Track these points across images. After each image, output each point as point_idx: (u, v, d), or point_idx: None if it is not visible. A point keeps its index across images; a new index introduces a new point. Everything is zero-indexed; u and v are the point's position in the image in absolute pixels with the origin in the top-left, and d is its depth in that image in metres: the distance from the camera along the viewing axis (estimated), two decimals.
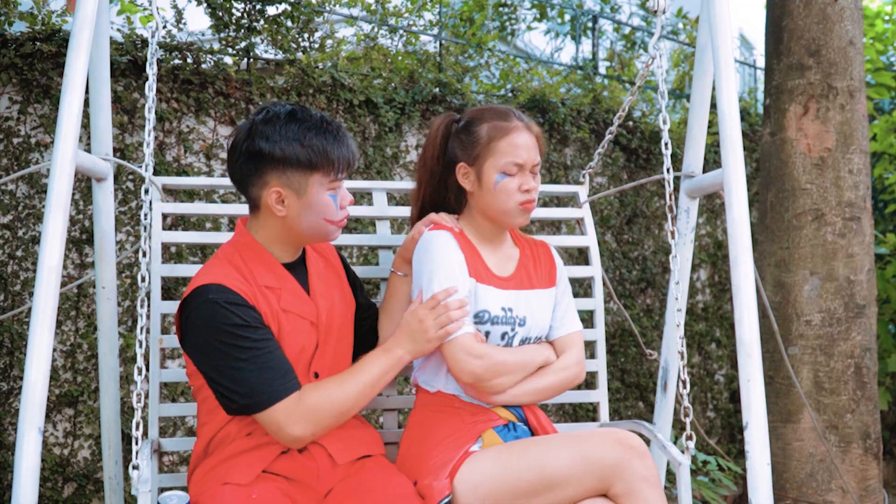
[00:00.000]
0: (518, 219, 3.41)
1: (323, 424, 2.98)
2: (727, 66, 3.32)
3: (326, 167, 3.03)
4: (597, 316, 4.01)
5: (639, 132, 8.10)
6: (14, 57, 5.45)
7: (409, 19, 7.52)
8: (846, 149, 5.68)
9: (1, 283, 5.47)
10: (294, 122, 3.03)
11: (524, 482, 3.04)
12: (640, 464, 3.01)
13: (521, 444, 3.17)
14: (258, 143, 3.00)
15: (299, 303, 3.12)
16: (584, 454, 3.02)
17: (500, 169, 3.35)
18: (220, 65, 6.08)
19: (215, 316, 2.89)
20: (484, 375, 3.22)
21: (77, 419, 5.62)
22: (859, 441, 5.63)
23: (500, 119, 3.42)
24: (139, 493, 2.87)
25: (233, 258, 3.09)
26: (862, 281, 5.66)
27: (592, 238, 4.06)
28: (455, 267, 3.28)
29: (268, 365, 2.92)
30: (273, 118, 3.03)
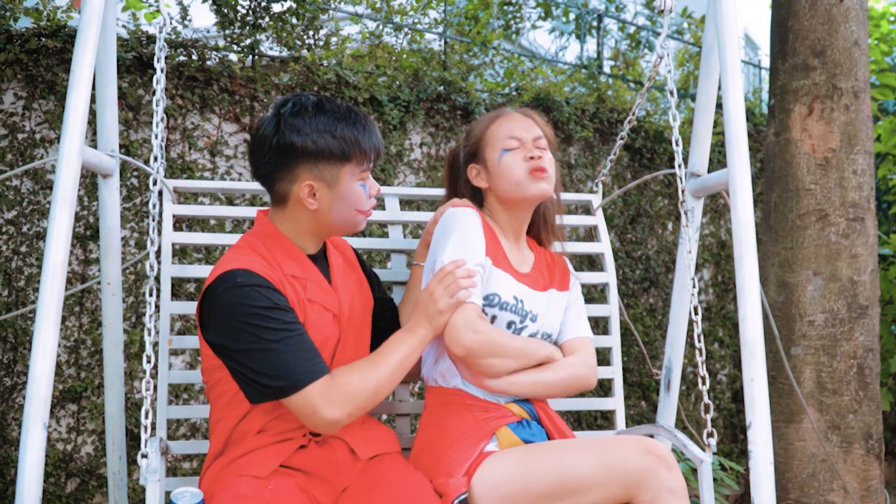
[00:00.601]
0: (531, 188, 3.38)
1: (358, 405, 2.92)
2: (733, 66, 3.32)
3: (359, 157, 3.01)
4: (612, 322, 3.99)
5: (643, 132, 8.09)
6: (19, 52, 5.45)
7: (414, 17, 7.52)
8: (850, 149, 5.68)
9: (5, 279, 5.48)
10: (322, 113, 2.99)
11: (545, 485, 2.99)
12: (668, 474, 2.96)
13: (544, 447, 3.14)
14: (289, 137, 2.95)
15: (323, 294, 3.09)
16: (610, 460, 2.97)
17: (500, 147, 3.39)
18: (224, 62, 6.09)
19: (245, 298, 2.84)
20: (477, 351, 3.15)
21: (81, 415, 5.63)
22: (861, 441, 5.63)
23: (491, 113, 3.51)
24: (147, 483, 2.85)
25: (256, 247, 3.05)
26: (865, 281, 5.67)
27: (606, 245, 4.07)
28: (474, 242, 3.26)
29: (300, 346, 2.87)
30: (301, 110, 2.99)
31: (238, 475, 2.95)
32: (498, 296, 3.30)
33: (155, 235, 3.16)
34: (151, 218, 3.15)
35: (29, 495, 2.71)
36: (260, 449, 3.01)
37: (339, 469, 3.08)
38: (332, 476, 3.07)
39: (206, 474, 3.08)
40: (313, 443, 3.09)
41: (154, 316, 3.15)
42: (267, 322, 2.83)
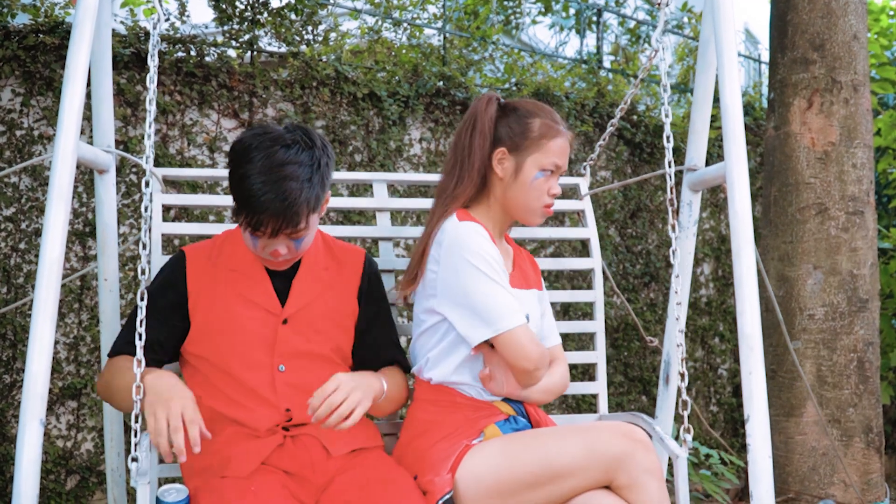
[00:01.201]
0: (537, 219, 3.44)
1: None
2: (730, 59, 3.31)
3: (247, 218, 3.01)
4: (596, 308, 4.00)
5: (643, 126, 8.09)
6: (17, 49, 5.45)
7: (413, 12, 7.53)
8: (850, 143, 5.67)
9: (4, 275, 5.48)
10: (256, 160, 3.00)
11: (529, 473, 3.02)
12: (645, 456, 3.00)
13: (526, 436, 3.16)
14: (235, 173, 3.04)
15: (259, 291, 3.15)
16: (591, 445, 3.00)
17: (542, 166, 3.37)
18: (223, 57, 6.09)
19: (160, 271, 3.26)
20: (540, 364, 3.18)
21: (80, 412, 5.63)
22: (861, 435, 5.63)
23: (550, 119, 3.43)
24: (138, 486, 2.86)
25: (218, 237, 3.26)
26: (865, 275, 5.66)
27: (593, 230, 4.06)
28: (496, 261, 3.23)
29: (129, 325, 3.12)
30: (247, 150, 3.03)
31: (221, 475, 2.98)
32: None
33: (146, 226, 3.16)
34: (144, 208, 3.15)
35: (26, 492, 2.70)
36: (240, 445, 3.04)
37: (314, 467, 3.09)
38: (309, 474, 3.08)
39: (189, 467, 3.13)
40: (288, 439, 3.11)
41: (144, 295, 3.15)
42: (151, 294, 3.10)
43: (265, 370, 3.11)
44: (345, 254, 3.36)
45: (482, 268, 3.17)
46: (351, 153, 6.51)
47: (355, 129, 6.53)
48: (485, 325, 3.16)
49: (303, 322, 3.18)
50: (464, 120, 3.49)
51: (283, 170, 2.92)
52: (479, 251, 3.19)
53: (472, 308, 3.18)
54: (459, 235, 3.23)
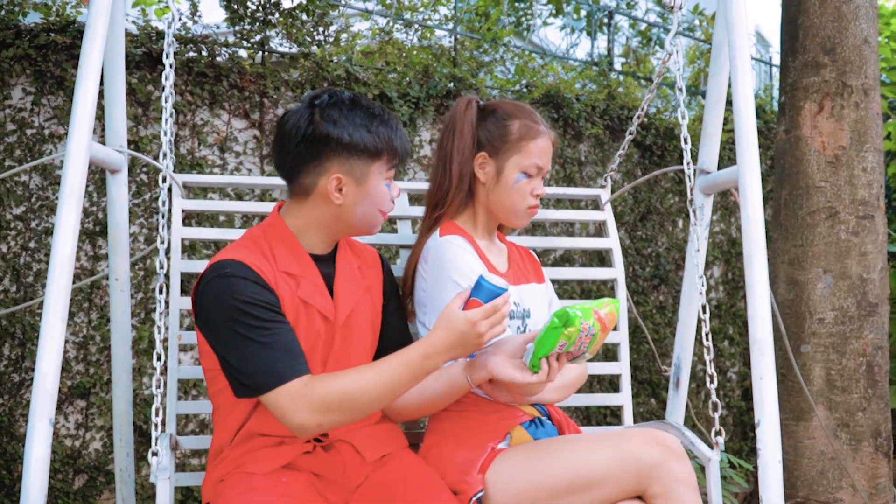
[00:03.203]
0: (522, 220, 3.44)
1: (331, 416, 2.78)
2: (743, 63, 3.31)
3: (390, 156, 3.00)
4: (619, 318, 3.99)
5: (654, 129, 8.08)
6: (28, 48, 5.46)
7: (425, 14, 7.52)
8: (860, 147, 5.67)
9: (14, 274, 5.48)
10: (358, 108, 2.98)
11: (560, 481, 2.98)
12: (678, 465, 2.97)
13: (556, 442, 3.13)
14: (325, 128, 2.92)
15: (318, 295, 3.03)
16: (623, 453, 2.97)
17: (523, 169, 3.36)
18: (234, 58, 6.09)
19: (228, 289, 2.80)
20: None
21: (89, 411, 5.63)
22: (870, 439, 5.62)
23: (530, 119, 3.41)
24: (158, 480, 2.84)
25: (258, 240, 3.01)
26: (875, 279, 5.65)
27: (615, 240, 4.06)
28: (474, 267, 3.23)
29: (276, 345, 2.79)
30: (338, 102, 2.97)
31: (244, 472, 2.92)
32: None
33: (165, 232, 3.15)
34: (161, 215, 3.14)
35: (34, 491, 2.71)
36: (263, 449, 2.97)
37: (346, 471, 3.04)
38: (339, 478, 3.03)
39: (209, 474, 3.06)
40: (319, 448, 3.05)
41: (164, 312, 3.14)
42: (244, 317, 2.78)
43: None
44: (364, 251, 3.33)
45: (460, 282, 3.18)
46: None
47: None
48: None
49: (351, 325, 3.13)
50: (444, 126, 3.49)
51: (382, 110, 3.04)
52: (456, 264, 3.21)
53: None
54: (441, 252, 3.25)
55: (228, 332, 2.79)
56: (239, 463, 2.96)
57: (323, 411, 2.77)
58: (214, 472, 3.02)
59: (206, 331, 2.88)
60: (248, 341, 2.77)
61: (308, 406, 2.75)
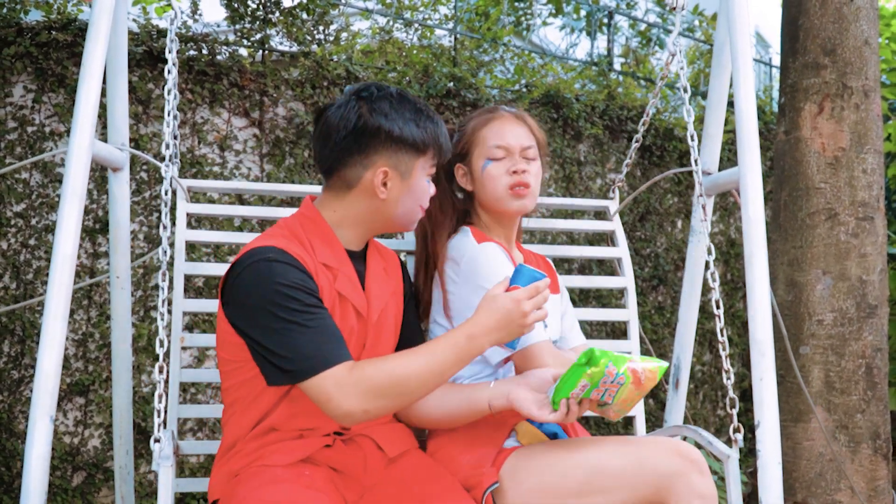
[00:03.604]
0: (511, 203, 3.38)
1: (378, 402, 2.74)
2: (745, 64, 3.31)
3: (434, 151, 3.01)
4: (630, 326, 3.99)
5: (653, 129, 8.08)
6: (29, 46, 5.46)
7: (425, 13, 7.53)
8: (860, 148, 5.66)
9: (14, 271, 5.49)
10: (407, 102, 2.98)
11: (574, 482, 2.96)
12: (699, 479, 2.90)
13: (573, 443, 3.11)
14: (376, 119, 2.91)
15: (353, 290, 3.00)
16: (641, 460, 2.93)
17: (486, 155, 3.36)
18: (235, 56, 6.09)
19: (270, 273, 2.76)
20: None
21: (88, 408, 5.63)
22: (869, 441, 5.62)
23: (485, 112, 3.44)
24: (160, 468, 2.81)
25: (295, 229, 2.98)
26: (874, 281, 5.65)
27: (625, 250, 4.06)
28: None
29: (321, 330, 2.74)
30: (387, 96, 2.97)
31: (262, 465, 2.88)
32: None
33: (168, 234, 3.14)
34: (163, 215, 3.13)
35: (35, 488, 2.71)
36: (282, 442, 2.92)
37: (367, 467, 3.02)
38: (359, 474, 3.01)
39: (219, 469, 3.00)
40: (339, 441, 3.02)
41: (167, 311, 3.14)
42: (288, 301, 2.73)
43: None
44: (387, 253, 3.32)
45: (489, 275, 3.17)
46: None
47: None
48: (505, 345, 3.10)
49: (381, 322, 3.11)
50: None
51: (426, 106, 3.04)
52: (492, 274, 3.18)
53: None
54: (474, 258, 3.25)
55: (269, 316, 2.73)
56: (255, 457, 2.91)
57: (371, 396, 2.73)
58: (226, 467, 2.96)
59: (238, 316, 2.83)
60: (291, 325, 2.72)
61: (355, 391, 2.71)
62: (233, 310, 2.85)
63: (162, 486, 2.82)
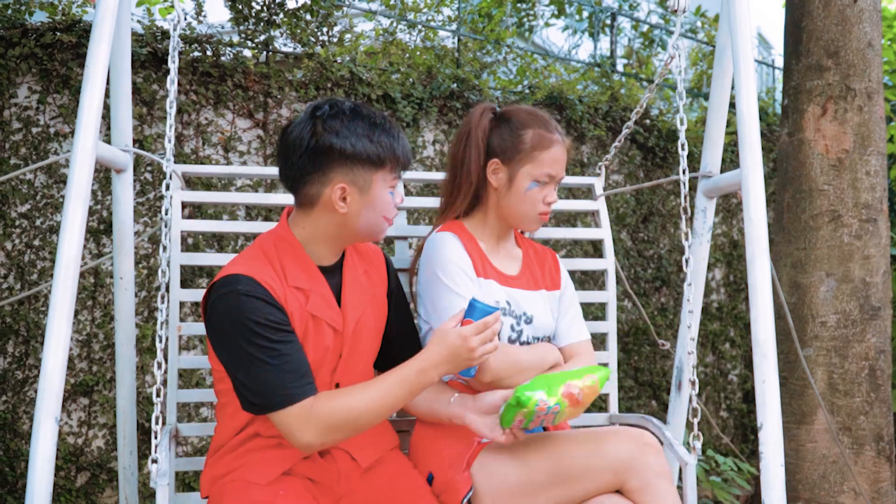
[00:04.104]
0: (533, 226, 3.48)
1: (334, 435, 2.90)
2: (747, 66, 3.32)
3: (393, 164, 3.02)
4: (609, 308, 4.05)
5: (656, 130, 8.08)
6: (34, 47, 5.47)
7: (428, 14, 7.53)
8: (863, 150, 5.66)
9: (18, 271, 5.49)
10: (360, 117, 2.99)
11: (541, 474, 3.09)
12: (655, 460, 3.08)
13: (538, 438, 3.21)
14: (327, 139, 2.94)
15: (327, 308, 3.06)
16: (601, 449, 3.08)
17: (535, 178, 3.39)
18: (239, 58, 6.10)
19: (240, 308, 2.84)
20: (502, 373, 3.24)
21: (92, 408, 5.64)
22: (872, 443, 5.62)
23: (544, 128, 3.43)
24: (158, 487, 2.89)
25: (268, 251, 3.04)
26: (877, 283, 5.65)
27: (607, 231, 4.08)
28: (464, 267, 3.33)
29: (284, 367, 2.85)
30: (339, 113, 2.99)
31: (244, 481, 2.98)
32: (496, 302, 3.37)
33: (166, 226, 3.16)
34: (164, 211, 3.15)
35: (40, 489, 2.72)
36: (263, 452, 3.03)
37: (340, 477, 3.13)
38: (334, 484, 3.11)
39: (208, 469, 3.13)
40: (316, 454, 3.11)
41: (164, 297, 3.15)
42: (255, 337, 2.83)
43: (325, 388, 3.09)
44: (370, 254, 3.35)
45: (442, 278, 3.30)
46: None
47: None
48: None
49: (357, 334, 3.17)
50: (458, 132, 3.54)
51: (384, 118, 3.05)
52: (442, 261, 3.31)
53: (437, 317, 3.31)
54: (431, 248, 3.37)
55: (238, 349, 2.85)
56: (239, 464, 3.02)
57: (327, 431, 2.88)
58: (214, 469, 3.08)
59: (215, 342, 2.94)
60: (257, 361, 2.83)
61: (314, 427, 2.86)
62: (210, 333, 2.96)
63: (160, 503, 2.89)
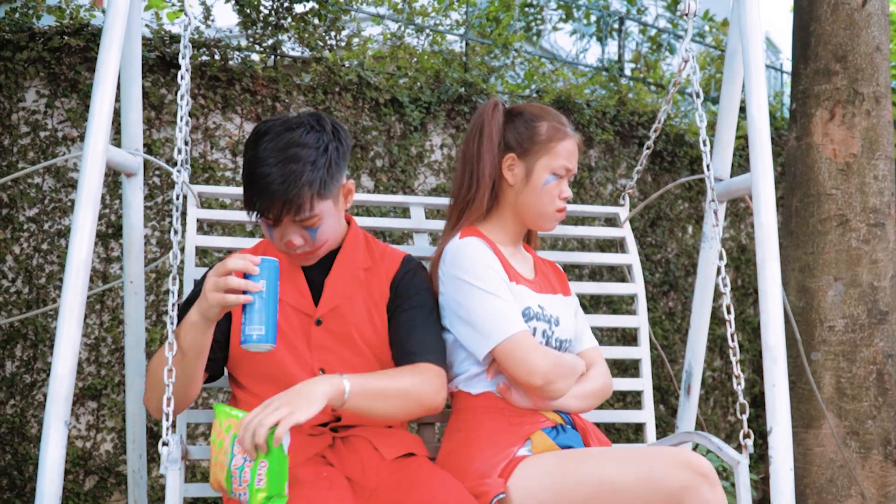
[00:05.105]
0: (551, 223, 3.43)
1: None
2: (757, 70, 3.32)
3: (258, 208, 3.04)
4: (641, 334, 3.97)
5: (664, 135, 8.08)
6: (42, 50, 5.48)
7: (436, 19, 7.53)
8: (871, 155, 5.66)
9: (26, 276, 5.50)
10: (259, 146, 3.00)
11: (582, 494, 2.94)
12: (710, 492, 2.87)
13: (582, 454, 3.09)
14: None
15: (293, 291, 3.15)
16: (651, 473, 2.90)
17: (553, 170, 3.35)
18: (247, 62, 6.10)
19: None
20: (552, 375, 3.13)
21: (100, 412, 5.64)
22: (879, 448, 5.62)
23: (557, 121, 3.41)
24: (168, 471, 2.80)
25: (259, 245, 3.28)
26: (885, 287, 5.65)
27: (635, 256, 4.06)
28: (499, 275, 3.24)
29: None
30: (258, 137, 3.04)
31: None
32: (530, 308, 3.28)
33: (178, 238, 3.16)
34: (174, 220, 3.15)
35: (49, 494, 2.72)
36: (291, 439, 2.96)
37: (365, 468, 3.05)
38: (359, 475, 3.04)
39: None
40: (338, 440, 3.11)
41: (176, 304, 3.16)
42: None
43: (307, 372, 3.09)
44: (385, 254, 3.34)
45: (474, 282, 3.18)
46: (372, 158, 6.52)
47: (377, 135, 6.55)
48: (483, 338, 3.15)
49: (336, 322, 3.16)
50: (470, 128, 3.47)
51: (286, 152, 2.92)
52: (472, 265, 3.21)
53: (472, 324, 3.18)
54: (455, 254, 3.26)
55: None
56: None
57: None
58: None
59: None
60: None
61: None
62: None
63: (170, 489, 2.81)
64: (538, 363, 3.11)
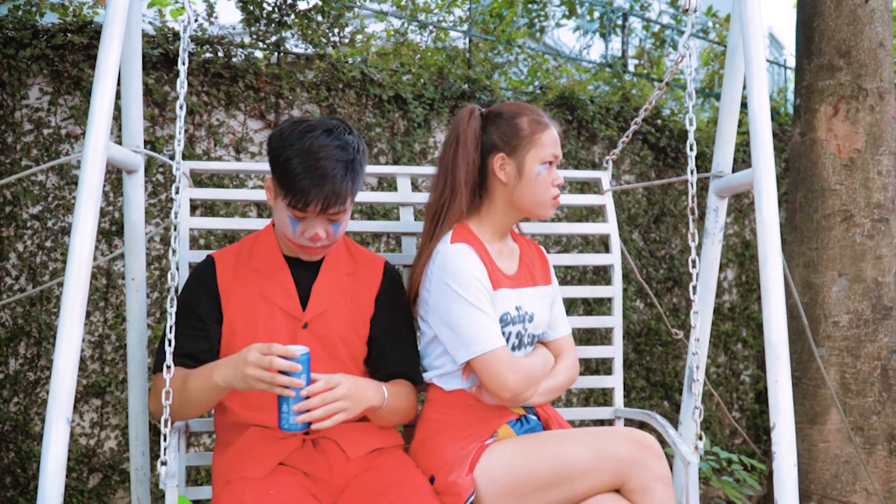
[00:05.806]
0: (549, 211, 3.49)
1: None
2: (758, 66, 3.31)
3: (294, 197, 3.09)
4: (615, 303, 4.07)
5: (667, 131, 8.06)
6: (45, 48, 5.47)
7: (439, 15, 7.53)
8: (875, 150, 5.66)
9: (30, 273, 5.50)
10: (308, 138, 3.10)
11: (542, 475, 3.13)
12: (655, 463, 3.14)
13: (539, 438, 3.28)
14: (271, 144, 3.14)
15: (281, 293, 3.23)
16: (601, 450, 3.13)
17: (542, 160, 3.42)
18: (250, 59, 6.10)
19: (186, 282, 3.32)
20: (520, 389, 3.26)
21: (104, 410, 5.64)
22: (884, 443, 5.61)
23: (535, 115, 3.48)
24: (167, 489, 2.91)
25: (250, 239, 3.35)
26: (889, 283, 5.65)
27: (613, 225, 4.08)
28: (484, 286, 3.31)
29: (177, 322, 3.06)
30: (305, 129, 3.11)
31: (240, 476, 3.05)
32: (508, 313, 3.39)
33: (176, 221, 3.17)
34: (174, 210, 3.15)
35: (52, 491, 2.71)
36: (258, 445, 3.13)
37: (332, 469, 3.15)
38: (326, 476, 3.14)
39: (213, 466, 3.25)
40: (308, 442, 3.18)
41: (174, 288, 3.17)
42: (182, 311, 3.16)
43: None
44: (366, 260, 3.43)
45: (461, 293, 3.26)
46: (376, 155, 6.52)
47: (380, 131, 6.54)
48: (463, 346, 3.26)
49: (322, 327, 3.25)
50: (447, 136, 3.55)
51: (327, 150, 3.05)
52: (461, 275, 3.29)
53: (455, 331, 3.29)
54: (447, 260, 3.33)
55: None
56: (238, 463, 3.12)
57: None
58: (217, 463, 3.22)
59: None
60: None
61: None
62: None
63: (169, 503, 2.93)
64: (509, 380, 3.24)
